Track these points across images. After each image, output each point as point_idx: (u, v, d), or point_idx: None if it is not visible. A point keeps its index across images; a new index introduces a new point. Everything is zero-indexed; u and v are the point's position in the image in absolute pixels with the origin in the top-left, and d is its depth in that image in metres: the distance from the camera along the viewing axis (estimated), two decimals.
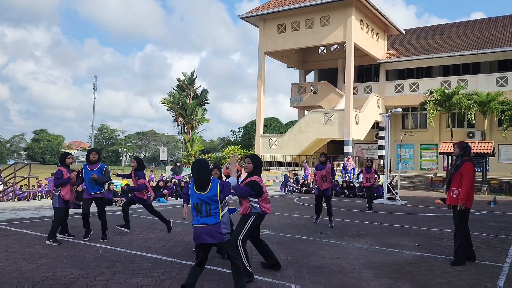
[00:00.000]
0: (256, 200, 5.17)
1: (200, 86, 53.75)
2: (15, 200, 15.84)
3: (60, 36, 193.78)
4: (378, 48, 27.72)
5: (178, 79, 36.60)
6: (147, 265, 5.70)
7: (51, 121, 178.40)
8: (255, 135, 28.53)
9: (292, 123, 40.18)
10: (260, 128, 27.42)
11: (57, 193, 7.05)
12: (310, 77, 33.61)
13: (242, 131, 53.75)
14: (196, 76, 36.98)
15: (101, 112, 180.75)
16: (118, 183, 20.27)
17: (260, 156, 26.54)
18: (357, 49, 25.11)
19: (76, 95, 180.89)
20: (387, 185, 16.51)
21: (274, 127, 46.52)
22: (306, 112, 29.55)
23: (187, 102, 35.56)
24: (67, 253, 6.31)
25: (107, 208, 12.17)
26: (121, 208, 12.31)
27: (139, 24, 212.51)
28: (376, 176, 13.60)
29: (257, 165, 5.27)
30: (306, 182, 20.25)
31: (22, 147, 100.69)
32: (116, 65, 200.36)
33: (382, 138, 25.80)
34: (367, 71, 31.18)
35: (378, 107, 27.48)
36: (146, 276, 5.15)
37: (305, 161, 23.52)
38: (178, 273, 5.35)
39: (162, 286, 4.80)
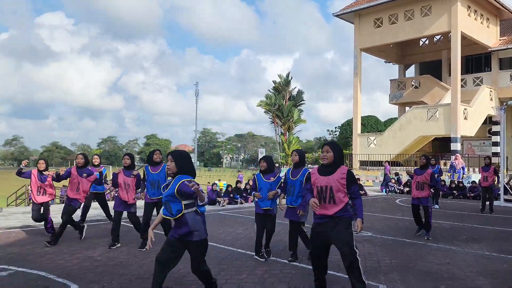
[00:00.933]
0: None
1: (295, 87, 54.01)
2: None
3: (165, 47, 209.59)
4: (489, 35, 25.21)
5: (274, 82, 37.23)
6: (250, 263, 5.92)
7: (159, 127, 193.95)
8: (352, 134, 27.84)
9: (391, 121, 38.38)
10: (357, 126, 26.69)
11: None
12: (411, 72, 31.81)
13: (339, 130, 52.86)
14: (292, 78, 37.28)
15: (202, 117, 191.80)
16: (222, 183, 21.31)
17: (358, 155, 25.87)
18: (464, 37, 23.14)
19: (180, 101, 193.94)
20: (504, 186, 14.95)
21: (372, 125, 44.83)
22: (407, 108, 28.04)
23: (283, 103, 36.00)
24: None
25: (212, 208, 12.89)
26: (223, 208, 12.92)
27: (235, 30, 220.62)
28: (495, 175, 12.08)
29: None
30: (408, 183, 19.21)
31: (136, 151, 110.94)
32: (215, 71, 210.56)
33: (496, 133, 23.46)
34: (476, 61, 28.51)
35: (491, 99, 25.00)
36: (250, 274, 5.36)
37: (385, 160, 22.39)
38: (280, 271, 5.48)
39: (264, 284, 4.95)
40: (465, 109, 22.85)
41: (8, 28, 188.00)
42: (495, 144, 23.98)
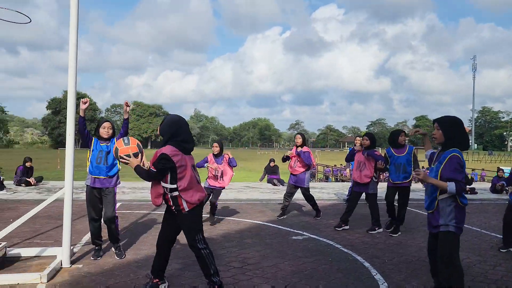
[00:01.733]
0: None
1: None
2: None
3: (434, 22, 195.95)
4: None
5: None
6: None
7: (429, 107, 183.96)
8: None
9: None
10: None
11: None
12: None
13: None
14: None
15: (480, 94, 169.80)
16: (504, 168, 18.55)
17: None
18: None
19: (452, 78, 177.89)
20: None
21: None
22: None
23: None
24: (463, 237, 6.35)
25: (468, 196, 11.38)
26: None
27: None
28: None
29: None
30: None
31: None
32: (497, 41, 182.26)
33: None
34: None
35: None
36: None
37: None
38: None
39: None
40: None
41: (290, 26, 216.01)
42: None
